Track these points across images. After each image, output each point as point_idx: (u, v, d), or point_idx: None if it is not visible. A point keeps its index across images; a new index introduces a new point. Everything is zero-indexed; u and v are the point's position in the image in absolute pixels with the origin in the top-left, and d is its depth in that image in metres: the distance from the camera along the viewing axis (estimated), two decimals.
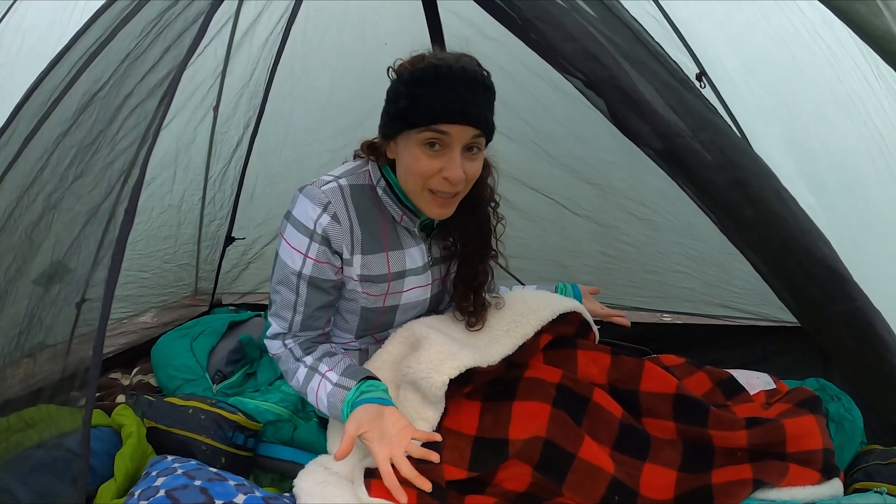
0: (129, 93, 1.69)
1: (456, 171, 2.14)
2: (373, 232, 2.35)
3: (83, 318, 1.76)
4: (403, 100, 2.13)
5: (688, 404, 2.40)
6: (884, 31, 1.31)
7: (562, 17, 1.55)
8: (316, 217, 2.24)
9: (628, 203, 3.91)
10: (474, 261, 2.50)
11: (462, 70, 2.11)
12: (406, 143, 2.18)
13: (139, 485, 2.03)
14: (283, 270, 2.33)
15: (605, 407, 2.37)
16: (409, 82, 2.13)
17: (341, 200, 2.28)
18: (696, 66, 2.95)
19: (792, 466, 2.18)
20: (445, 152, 2.14)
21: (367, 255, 2.34)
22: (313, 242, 2.26)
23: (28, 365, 1.82)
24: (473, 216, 2.45)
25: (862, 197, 2.66)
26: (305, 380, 2.34)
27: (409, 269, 2.43)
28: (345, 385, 2.24)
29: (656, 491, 2.24)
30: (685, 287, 4.08)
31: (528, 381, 2.37)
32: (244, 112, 3.96)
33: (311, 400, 2.33)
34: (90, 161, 1.70)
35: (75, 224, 1.67)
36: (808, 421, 2.27)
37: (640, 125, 1.52)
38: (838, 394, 2.85)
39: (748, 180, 1.54)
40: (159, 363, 3.49)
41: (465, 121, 2.10)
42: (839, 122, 2.51)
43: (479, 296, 2.54)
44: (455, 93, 2.08)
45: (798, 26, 2.28)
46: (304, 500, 2.10)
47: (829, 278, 1.57)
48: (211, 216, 4.30)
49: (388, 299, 2.43)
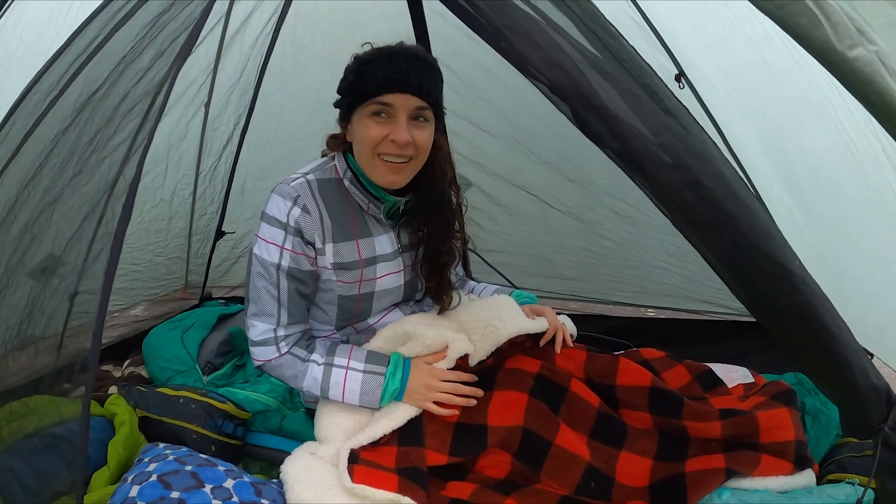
0: (126, 94, 1.74)
1: (401, 133, 2.28)
2: (341, 221, 2.42)
3: (76, 311, 1.81)
4: (351, 75, 2.33)
5: (663, 397, 2.44)
6: (823, 43, 1.38)
7: (529, 27, 1.62)
8: (287, 210, 2.33)
9: (610, 200, 3.96)
10: (436, 240, 2.56)
11: (404, 49, 2.33)
12: (358, 118, 2.34)
13: (132, 470, 2.07)
14: (261, 266, 2.38)
15: (582, 396, 2.41)
16: (357, 62, 2.33)
17: (309, 193, 2.37)
18: (675, 67, 3.00)
19: (764, 457, 2.21)
20: (391, 120, 2.30)
21: (338, 244, 2.41)
22: (288, 234, 2.34)
23: (29, 352, 1.87)
24: (432, 196, 2.52)
25: (835, 198, 2.69)
26: (325, 376, 2.38)
27: (378, 255, 2.49)
28: (376, 371, 2.37)
29: (631, 478, 2.28)
30: (666, 283, 4.14)
31: (507, 372, 2.42)
32: (235, 108, 3.99)
33: (334, 393, 2.38)
34: (89, 158, 1.75)
35: (74, 219, 1.73)
36: (781, 413, 2.30)
37: (600, 128, 1.59)
38: (815, 388, 2.88)
39: (702, 181, 1.60)
40: (151, 355, 3.52)
41: (406, 89, 2.28)
42: (811, 125, 2.55)
43: (444, 276, 2.61)
44: (397, 66, 2.26)
45: (769, 31, 2.32)
46: (292, 484, 2.15)
47: (777, 273, 1.64)
48: (202, 210, 4.33)
49: (362, 286, 2.49)
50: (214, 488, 2.00)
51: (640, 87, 1.87)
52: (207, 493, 1.97)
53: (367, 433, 2.30)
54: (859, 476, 2.27)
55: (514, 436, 2.29)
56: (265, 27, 3.68)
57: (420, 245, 2.58)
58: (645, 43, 2.88)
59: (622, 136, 1.59)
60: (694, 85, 3.02)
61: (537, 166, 3.95)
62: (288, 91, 4.03)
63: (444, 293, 2.61)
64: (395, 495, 2.11)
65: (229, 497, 2.00)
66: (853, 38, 1.41)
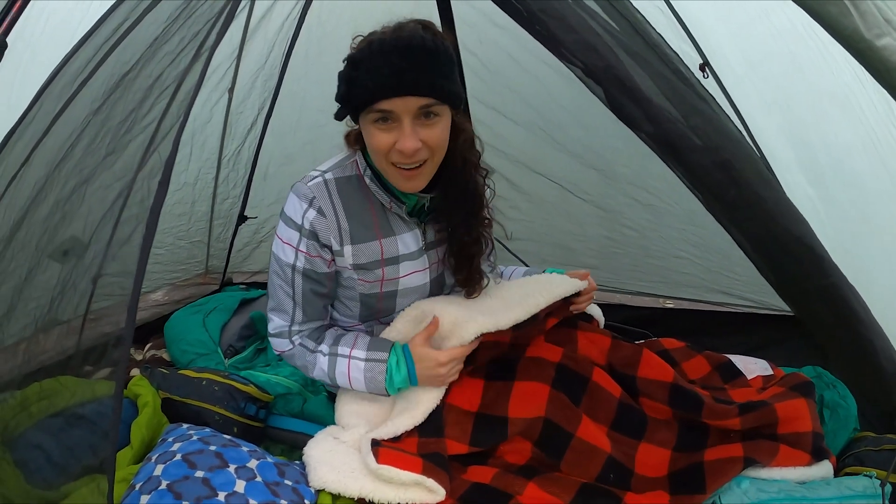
0: (159, 75, 1.76)
1: (407, 142, 2.10)
2: (362, 221, 2.36)
3: (99, 293, 1.83)
4: (343, 84, 2.15)
5: (683, 395, 2.43)
6: (852, 31, 1.39)
7: (564, 11, 1.63)
8: (303, 212, 2.30)
9: (632, 189, 3.96)
10: (460, 232, 2.45)
11: (396, 40, 2.07)
12: (363, 125, 2.19)
13: (156, 450, 2.11)
14: (278, 265, 2.39)
15: (603, 387, 2.41)
16: (349, 65, 2.14)
17: (326, 194, 2.31)
18: (700, 56, 2.99)
19: (782, 447, 2.22)
20: (396, 125, 2.12)
21: (358, 245, 2.36)
22: (302, 237, 2.32)
23: (60, 332, 1.89)
24: (455, 187, 2.40)
25: (858, 190, 2.68)
26: (330, 366, 2.40)
27: (402, 254, 2.43)
28: (378, 359, 2.36)
29: (650, 469, 2.30)
30: (687, 273, 4.14)
31: (528, 361, 2.42)
32: (259, 94, 4.01)
33: (342, 382, 2.41)
34: (122, 138, 1.77)
35: (106, 198, 1.75)
36: (798, 404, 2.31)
37: (634, 111, 1.61)
38: (834, 382, 2.86)
39: (732, 163, 1.62)
40: (173, 338, 3.56)
41: (402, 92, 2.06)
42: (835, 116, 2.55)
43: (473, 265, 2.52)
44: (389, 66, 2.04)
45: (794, 22, 2.32)
46: (314, 466, 2.18)
47: (806, 256, 1.65)
48: (224, 195, 4.36)
49: (384, 285, 2.45)
50: (238, 468, 2.03)
51: (671, 71, 1.88)
52: (231, 473, 2.00)
53: (389, 428, 2.31)
54: (877, 469, 2.26)
55: (536, 426, 2.30)
56: (291, 12, 3.70)
57: (446, 243, 2.51)
58: (670, 32, 2.87)
59: (655, 119, 1.61)
60: (718, 74, 3.01)
61: (560, 154, 3.96)
62: (312, 76, 4.03)
63: (474, 283, 2.54)
64: (420, 476, 2.13)
65: (253, 477, 2.02)
66: (881, 28, 1.42)
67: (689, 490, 2.21)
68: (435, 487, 2.13)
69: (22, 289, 1.98)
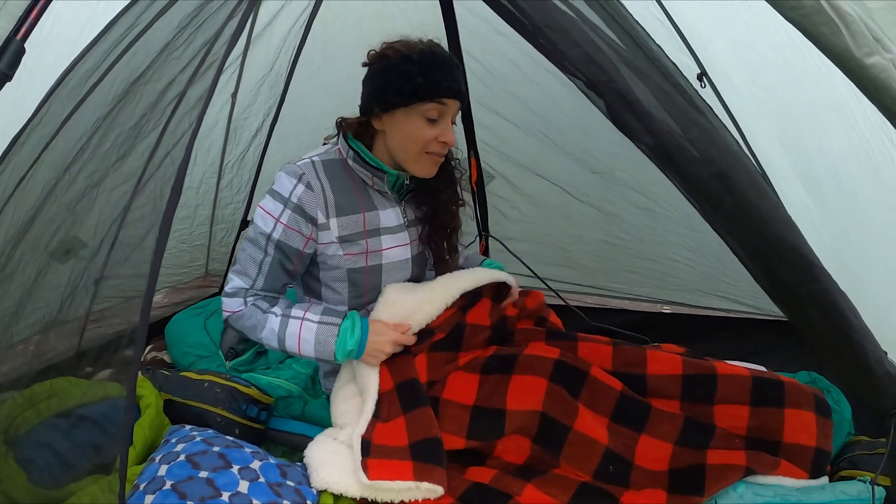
0: (171, 80, 1.79)
1: (452, 135, 2.52)
2: (346, 196, 2.57)
3: (101, 295, 1.85)
4: (418, 77, 2.41)
5: (696, 381, 2.46)
6: (843, 50, 1.45)
7: (568, 26, 1.67)
8: (292, 187, 2.48)
9: (630, 193, 3.99)
10: (449, 204, 2.77)
11: (450, 56, 2.54)
12: (407, 116, 2.48)
13: (159, 450, 2.13)
14: (254, 232, 2.52)
15: (603, 381, 2.44)
16: (420, 62, 2.43)
17: (314, 172, 2.52)
18: (698, 66, 3.02)
19: (783, 463, 2.23)
20: (440, 122, 2.49)
21: (343, 217, 2.55)
22: (286, 209, 2.48)
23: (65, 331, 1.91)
24: (445, 170, 2.71)
25: (853, 198, 2.70)
26: (281, 327, 2.48)
27: (383, 226, 2.62)
28: (331, 322, 2.49)
29: (651, 461, 2.31)
30: (684, 277, 4.16)
31: (526, 358, 2.46)
32: (265, 100, 4.04)
33: (291, 344, 2.49)
34: (133, 143, 1.79)
35: (119, 201, 1.77)
36: (807, 417, 2.30)
37: (634, 123, 1.65)
38: (829, 387, 2.91)
39: (728, 173, 1.66)
40: (173, 340, 3.58)
41: (457, 96, 2.49)
42: (831, 126, 2.57)
43: (451, 241, 2.84)
44: (451, 74, 2.46)
45: (791, 35, 2.35)
46: (316, 467, 2.20)
47: (798, 262, 1.69)
48: (227, 199, 4.39)
49: (369, 258, 2.60)
50: (242, 469, 2.05)
51: (671, 85, 1.91)
52: (235, 473, 2.02)
53: (364, 414, 2.38)
54: (871, 473, 2.27)
55: (533, 421, 2.33)
56: (297, 20, 3.73)
57: (427, 220, 2.75)
58: (669, 43, 2.90)
59: (654, 131, 1.64)
60: (717, 84, 3.04)
61: (561, 158, 3.99)
62: (317, 82, 4.06)
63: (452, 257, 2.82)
64: (412, 483, 2.15)
65: (256, 478, 2.04)
66: (870, 47, 1.47)
67: (688, 491, 2.22)
68: (430, 489, 2.16)
69: (31, 288, 2.00)
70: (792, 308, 1.81)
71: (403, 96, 2.44)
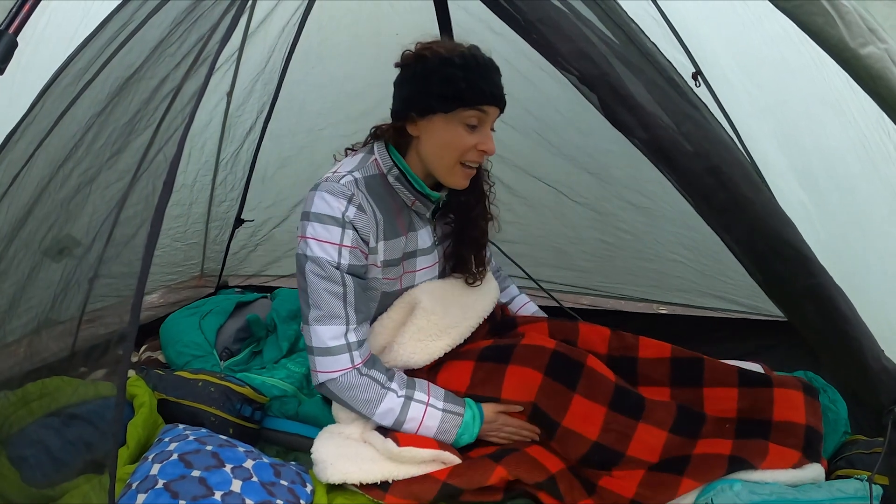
0: (165, 77, 1.79)
1: (492, 144, 2.38)
2: (390, 217, 2.43)
3: (95, 294, 1.85)
4: (462, 82, 2.29)
5: (684, 364, 2.53)
6: (837, 40, 1.45)
7: (560, 20, 1.66)
8: (343, 209, 2.27)
9: (626, 192, 4.00)
10: (479, 220, 2.68)
11: (491, 61, 2.40)
12: (447, 122, 2.35)
13: (152, 449, 2.13)
14: (319, 266, 2.27)
15: (599, 371, 2.46)
16: (463, 66, 2.31)
17: (361, 192, 2.33)
18: (693, 65, 3.02)
19: (772, 447, 2.25)
20: (480, 129, 2.36)
21: (389, 241, 2.41)
22: (346, 231, 2.28)
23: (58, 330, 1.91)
24: (476, 183, 2.60)
25: (850, 194, 2.70)
26: (403, 409, 2.31)
27: (419, 248, 2.53)
28: (455, 412, 2.38)
29: (645, 452, 2.34)
30: (680, 277, 4.17)
31: (524, 348, 2.49)
32: (259, 97, 4.02)
33: (409, 426, 2.32)
34: (127, 140, 1.79)
35: (113, 198, 1.77)
36: (796, 395, 2.35)
37: (627, 118, 1.65)
38: (825, 386, 2.91)
39: (722, 168, 1.66)
40: (168, 340, 3.55)
41: (499, 103, 2.38)
42: (827, 122, 2.55)
43: (481, 255, 2.73)
44: (494, 79, 2.38)
45: (787, 29, 2.34)
46: (331, 462, 2.23)
47: (793, 256, 1.69)
48: (221, 197, 4.37)
49: (403, 280, 2.52)
50: (235, 468, 2.05)
51: (665, 79, 1.91)
52: (228, 472, 2.02)
53: None
54: (868, 472, 2.27)
55: (525, 410, 2.41)
56: (291, 18, 3.71)
57: (454, 236, 2.67)
58: (664, 41, 2.90)
59: (648, 125, 1.64)
60: (710, 82, 3.04)
61: (556, 158, 3.99)
62: (311, 81, 4.06)
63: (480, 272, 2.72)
64: (439, 452, 2.26)
65: (249, 477, 2.04)
66: (865, 37, 1.47)
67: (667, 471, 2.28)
68: (451, 459, 2.27)
69: (24, 286, 1.99)
70: (787, 303, 1.81)
71: (445, 102, 2.31)
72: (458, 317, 2.58)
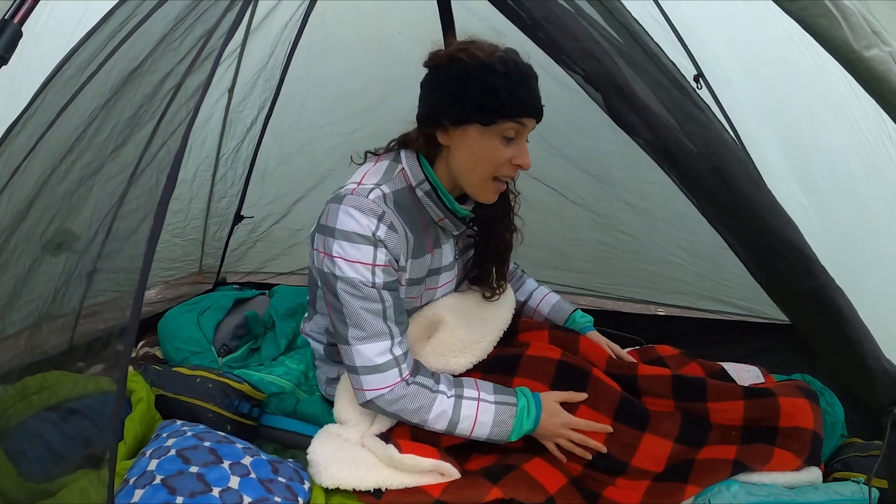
0: (168, 72, 1.78)
1: (528, 158, 2.27)
2: (419, 235, 2.34)
3: (94, 289, 1.84)
4: (504, 92, 2.15)
5: (685, 383, 2.48)
6: (841, 42, 1.46)
7: (566, 19, 1.67)
8: (374, 228, 2.16)
9: (626, 194, 3.99)
10: (504, 233, 2.62)
11: (530, 67, 2.25)
12: (483, 133, 2.22)
13: (150, 445, 2.13)
14: (354, 287, 2.18)
15: (604, 381, 2.45)
16: (506, 75, 2.16)
17: (391, 208, 2.22)
18: (695, 67, 3.02)
19: (777, 451, 2.25)
20: (515, 142, 2.24)
21: (416, 259, 2.34)
22: (378, 250, 2.17)
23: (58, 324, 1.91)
24: (503, 195, 2.47)
25: (852, 196, 2.70)
26: (455, 409, 2.24)
27: (443, 265, 2.49)
28: (507, 402, 2.29)
29: (650, 462, 2.33)
30: (678, 279, 4.16)
31: (529, 359, 2.47)
32: (260, 93, 4.01)
33: (464, 427, 2.25)
34: (131, 133, 1.79)
35: (115, 192, 1.76)
36: (801, 402, 2.34)
37: (631, 118, 1.65)
38: (822, 389, 2.92)
39: (725, 168, 1.67)
40: (166, 336, 3.55)
41: (539, 115, 2.26)
42: (829, 123, 2.56)
43: (504, 268, 2.69)
44: (534, 90, 2.24)
45: (790, 31, 2.35)
46: (325, 465, 2.22)
47: (796, 258, 1.70)
48: (221, 193, 4.36)
49: (424, 297, 2.49)
50: (232, 464, 2.05)
51: (669, 80, 1.92)
52: (226, 469, 2.02)
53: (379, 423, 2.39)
54: (864, 475, 2.30)
55: None
56: (294, 14, 3.71)
57: (476, 248, 2.61)
58: (667, 43, 2.89)
59: (652, 126, 1.65)
60: (712, 84, 3.04)
61: (557, 160, 3.98)
62: (313, 78, 4.04)
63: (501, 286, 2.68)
64: (439, 462, 2.22)
65: (247, 473, 2.04)
66: (869, 39, 1.48)
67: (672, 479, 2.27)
68: (451, 471, 2.23)
69: (25, 279, 1.99)
70: (789, 304, 1.82)
71: (484, 113, 2.18)
72: (480, 332, 2.54)
